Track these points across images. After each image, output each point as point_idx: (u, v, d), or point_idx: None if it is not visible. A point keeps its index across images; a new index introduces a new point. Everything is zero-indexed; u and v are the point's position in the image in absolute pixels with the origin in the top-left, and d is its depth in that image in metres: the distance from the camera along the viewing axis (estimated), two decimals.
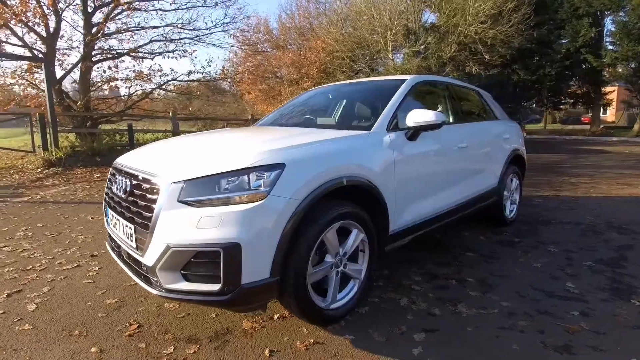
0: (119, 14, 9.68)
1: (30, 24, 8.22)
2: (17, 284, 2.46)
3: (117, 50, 9.97)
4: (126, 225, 1.85)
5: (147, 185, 1.78)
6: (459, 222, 3.29)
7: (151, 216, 1.67)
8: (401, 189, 2.31)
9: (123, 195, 1.90)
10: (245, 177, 1.65)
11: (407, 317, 2.06)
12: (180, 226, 1.61)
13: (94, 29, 9.05)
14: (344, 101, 3.15)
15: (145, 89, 10.77)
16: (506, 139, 3.66)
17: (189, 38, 10.90)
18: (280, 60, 19.43)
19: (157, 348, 1.78)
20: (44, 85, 9.18)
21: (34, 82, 9.73)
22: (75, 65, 9.26)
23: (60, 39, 8.74)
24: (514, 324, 1.99)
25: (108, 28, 9.55)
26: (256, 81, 19.85)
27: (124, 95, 10.99)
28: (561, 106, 26.32)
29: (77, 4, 8.68)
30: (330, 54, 17.82)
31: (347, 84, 3.35)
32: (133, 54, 9.96)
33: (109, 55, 9.85)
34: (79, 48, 9.32)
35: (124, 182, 1.93)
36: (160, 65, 10.72)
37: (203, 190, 1.64)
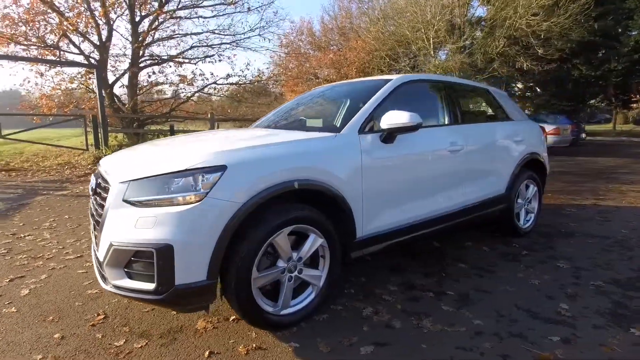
0: (162, 22, 10.37)
1: (85, 33, 9.06)
2: (23, 270, 2.74)
3: (161, 57, 10.67)
4: (91, 222, 1.98)
5: (103, 184, 1.89)
6: (455, 229, 3.10)
7: (102, 214, 1.77)
8: (371, 193, 2.22)
9: (90, 193, 2.04)
10: (186, 179, 1.68)
11: (363, 328, 1.98)
12: (122, 225, 1.69)
13: (140, 37, 9.77)
14: (334, 102, 3.09)
15: (188, 92, 11.42)
16: (518, 141, 3.36)
17: (226, 43, 11.37)
18: (320, 61, 19.54)
19: (110, 339, 1.88)
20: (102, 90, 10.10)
21: (89, 87, 10.73)
22: (125, 72, 10.07)
23: (114, 47, 9.57)
24: (476, 345, 1.83)
25: (152, 36, 10.27)
26: (297, 82, 20.15)
27: (168, 98, 11.74)
28: (632, 105, 23.61)
29: (126, 14, 9.42)
30: (369, 53, 17.58)
31: (340, 85, 3.28)
32: (176, 60, 10.59)
33: (153, 61, 10.57)
34: (127, 55, 10.14)
35: (93, 181, 2.06)
36: (201, 69, 11.31)
37: (145, 190, 1.70)
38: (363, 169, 2.18)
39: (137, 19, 9.66)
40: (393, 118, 2.25)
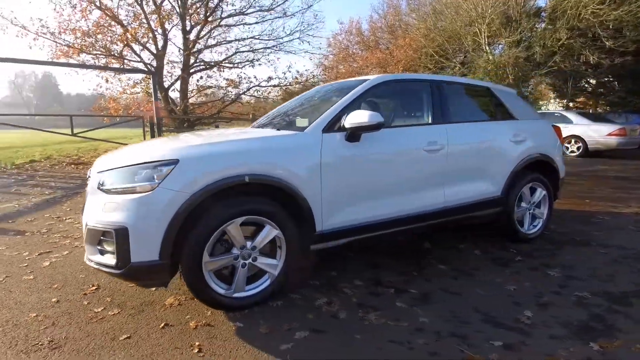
0: (209, 31, 11.20)
1: (144, 43, 10.11)
2: (52, 246, 3.24)
3: (209, 62, 11.50)
4: None
5: (89, 175, 2.22)
6: (436, 230, 3.04)
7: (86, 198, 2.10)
8: (331, 189, 2.31)
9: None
10: (145, 171, 1.93)
11: (309, 316, 2.09)
12: (95, 209, 1.99)
13: (190, 45, 10.66)
14: (323, 102, 3.20)
15: (233, 95, 12.14)
16: (518, 141, 3.18)
17: (268, 47, 11.91)
18: (367, 60, 19.46)
19: (92, 306, 2.20)
20: (158, 93, 11.16)
21: (149, 91, 11.90)
22: (178, 79, 11.03)
23: (171, 53, 10.58)
24: (410, 341, 1.85)
25: (200, 44, 11.15)
26: None
27: (215, 100, 12.58)
28: None
29: (178, 25, 10.34)
30: (417, 50, 17.13)
31: (328, 85, 3.38)
32: (222, 65, 11.36)
33: (202, 67, 11.43)
34: (179, 62, 11.09)
35: (88, 174, 2.42)
36: (245, 73, 12.02)
37: (113, 179, 1.99)
38: (322, 166, 2.28)
39: (188, 28, 10.55)
40: (355, 118, 2.32)
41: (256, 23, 11.57)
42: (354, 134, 2.38)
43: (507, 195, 3.14)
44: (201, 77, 11.69)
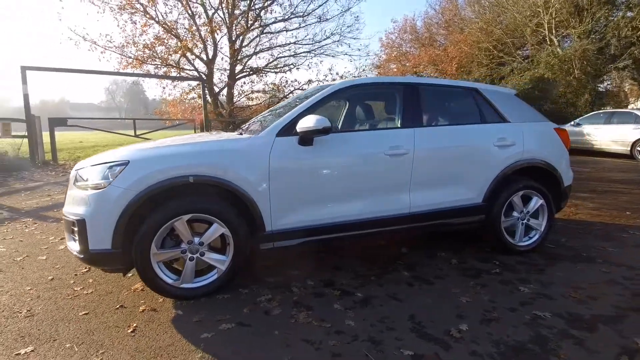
0: (252, 40, 11.87)
1: (199, 54, 11.05)
2: None
3: (252, 68, 12.16)
4: None
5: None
6: (411, 235, 2.95)
7: None
8: (281, 191, 2.42)
9: None
10: (103, 171, 2.23)
11: (244, 310, 2.22)
12: (69, 201, 2.34)
13: (235, 53, 11.40)
14: (290, 107, 3.28)
15: (276, 97, 12.64)
16: (505, 145, 2.97)
17: (308, 52, 12.21)
18: (420, 59, 18.86)
19: (75, 285, 2.57)
20: (207, 98, 12.08)
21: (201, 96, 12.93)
22: (225, 86, 11.79)
23: (223, 61, 11.42)
24: (322, 341, 1.90)
25: (242, 52, 11.87)
26: None
27: (259, 104, 13.20)
28: None
29: (225, 34, 11.13)
30: (472, 46, 16.18)
31: (307, 90, 3.45)
32: (265, 71, 11.95)
33: (246, 73, 12.12)
34: (226, 70, 11.88)
35: None
36: (287, 77, 12.41)
37: (82, 177, 2.31)
38: (271, 169, 2.40)
39: (233, 38, 11.29)
40: (304, 122, 2.40)
41: (295, 29, 11.97)
42: (305, 138, 2.46)
43: (491, 203, 2.95)
44: (244, 83, 12.44)
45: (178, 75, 11.68)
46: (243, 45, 11.48)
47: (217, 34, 10.95)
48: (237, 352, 1.83)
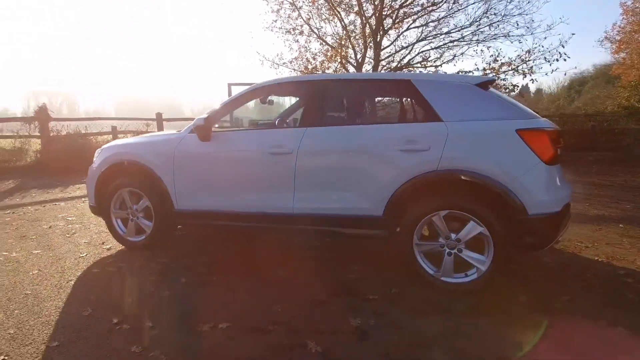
0: (398, 36, 11.68)
1: (356, 61, 12.01)
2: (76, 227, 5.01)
3: (398, 65, 12.05)
4: None
5: None
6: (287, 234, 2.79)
7: None
8: (181, 178, 2.98)
9: None
10: (99, 153, 3.43)
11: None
12: None
13: (379, 54, 11.64)
14: None
15: None
16: (417, 150, 2.34)
17: (472, 40, 10.85)
18: None
19: (98, 254, 3.79)
20: None
21: None
22: None
23: (370, 62, 11.97)
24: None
25: (389, 52, 11.93)
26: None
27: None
28: None
29: (369, 39, 11.53)
30: None
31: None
32: (407, 67, 11.63)
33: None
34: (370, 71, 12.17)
35: None
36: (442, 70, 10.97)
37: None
38: (175, 159, 2.98)
39: (378, 39, 11.47)
40: (195, 121, 2.86)
41: (439, 19, 10.85)
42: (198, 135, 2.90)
43: (392, 219, 2.43)
44: None
45: None
46: (384, 46, 11.57)
47: (364, 38, 11.47)
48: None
